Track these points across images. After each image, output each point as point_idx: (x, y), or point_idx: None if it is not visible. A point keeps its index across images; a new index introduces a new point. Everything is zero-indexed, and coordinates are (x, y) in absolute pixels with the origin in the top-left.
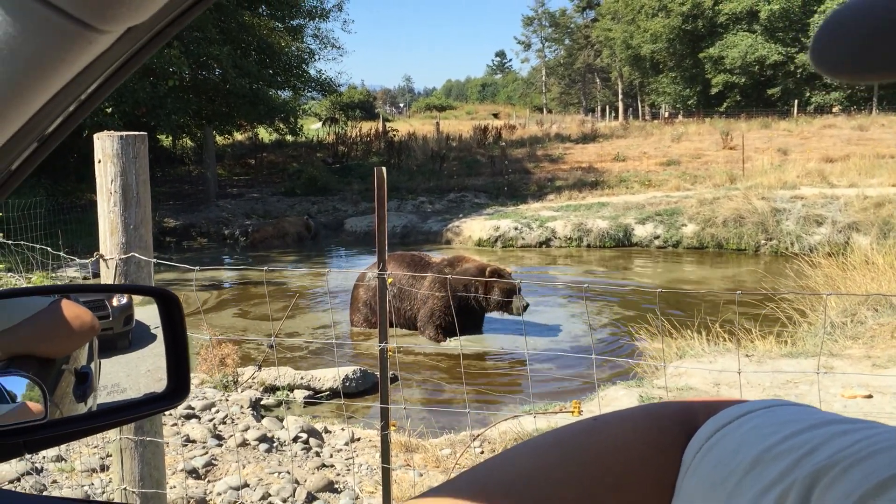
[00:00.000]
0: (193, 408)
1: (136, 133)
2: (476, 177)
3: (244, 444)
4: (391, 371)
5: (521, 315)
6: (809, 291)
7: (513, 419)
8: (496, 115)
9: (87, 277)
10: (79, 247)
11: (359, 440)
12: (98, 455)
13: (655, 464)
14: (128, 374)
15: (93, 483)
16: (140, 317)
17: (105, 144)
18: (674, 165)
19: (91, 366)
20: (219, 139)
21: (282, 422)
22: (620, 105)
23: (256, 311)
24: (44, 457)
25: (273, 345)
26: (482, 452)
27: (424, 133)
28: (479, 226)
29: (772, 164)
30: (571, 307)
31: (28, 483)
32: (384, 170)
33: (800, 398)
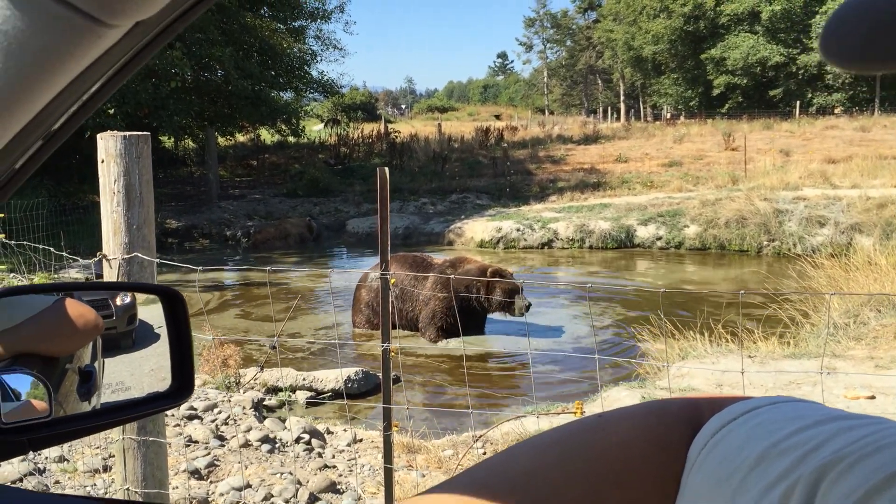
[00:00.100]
0: (196, 408)
1: (140, 133)
2: (478, 178)
3: (246, 445)
4: (393, 372)
5: (524, 316)
6: (812, 292)
7: (515, 420)
8: (498, 117)
9: (90, 278)
10: (81, 248)
11: (361, 441)
12: (100, 455)
13: (659, 460)
14: (131, 374)
15: (95, 483)
16: (143, 316)
17: (108, 144)
18: (676, 166)
19: (95, 364)
20: (221, 140)
21: (284, 423)
22: (622, 106)
23: (258, 312)
24: (46, 457)
25: (275, 346)
26: (484, 453)
27: (426, 134)
28: (482, 227)
29: (774, 166)
30: (574, 308)
31: (31, 483)
32: (387, 170)
33: None
